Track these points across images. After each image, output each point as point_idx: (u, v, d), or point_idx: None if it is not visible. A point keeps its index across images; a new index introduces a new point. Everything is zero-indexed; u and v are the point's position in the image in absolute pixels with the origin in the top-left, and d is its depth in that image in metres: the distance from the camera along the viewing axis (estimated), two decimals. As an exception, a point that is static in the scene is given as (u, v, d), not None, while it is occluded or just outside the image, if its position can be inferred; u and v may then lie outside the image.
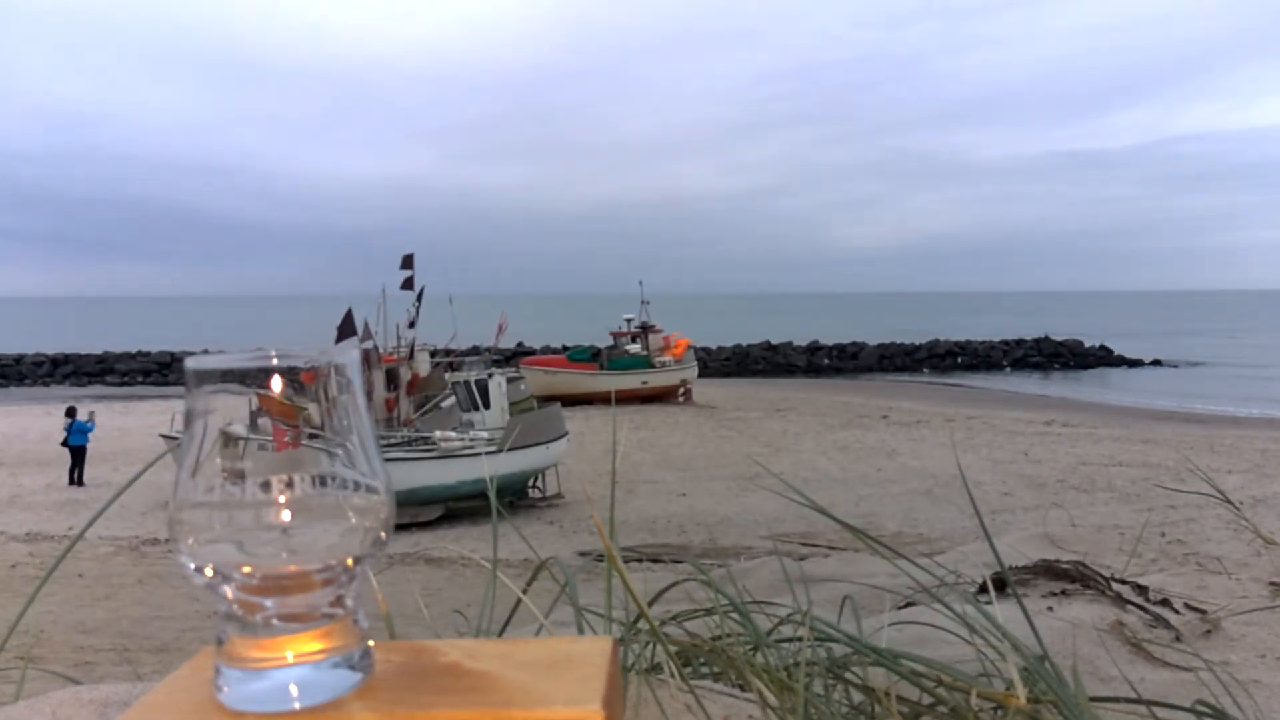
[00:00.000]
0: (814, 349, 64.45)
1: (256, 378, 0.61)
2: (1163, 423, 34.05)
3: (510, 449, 20.71)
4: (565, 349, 50.25)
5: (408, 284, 26.30)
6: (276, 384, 0.61)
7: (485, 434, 22.78)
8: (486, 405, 25.72)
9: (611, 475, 2.03)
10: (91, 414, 26.70)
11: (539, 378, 38.08)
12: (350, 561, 0.62)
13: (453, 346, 29.69)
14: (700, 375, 45.79)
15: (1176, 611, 2.27)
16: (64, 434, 24.10)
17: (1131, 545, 3.51)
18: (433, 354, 27.27)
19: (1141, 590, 2.39)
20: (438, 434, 22.05)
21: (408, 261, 26.42)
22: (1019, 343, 66.71)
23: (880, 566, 3.88)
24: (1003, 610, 1.66)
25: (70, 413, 24.59)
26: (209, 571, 0.61)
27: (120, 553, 15.34)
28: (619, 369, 41.76)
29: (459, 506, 20.56)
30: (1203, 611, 2.28)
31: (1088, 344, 66.81)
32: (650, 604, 1.46)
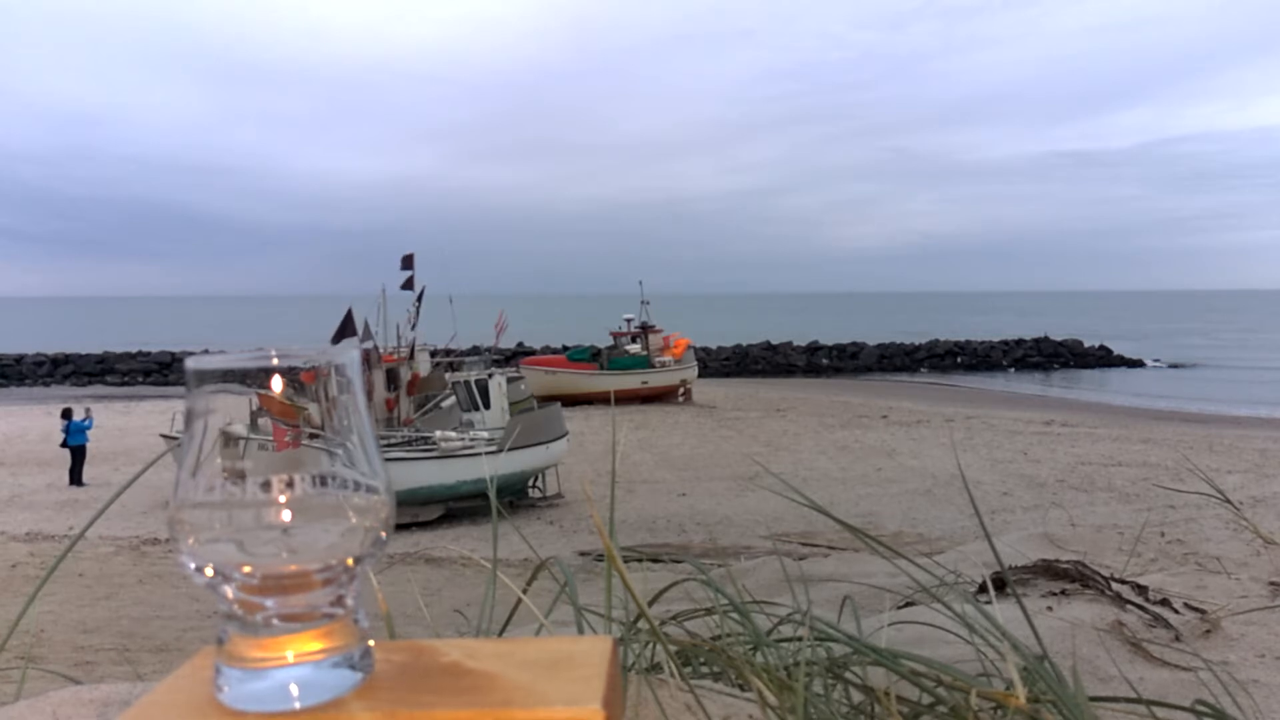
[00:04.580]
0: (814, 349, 64.43)
1: (257, 378, 0.61)
2: (1162, 423, 34.05)
3: (510, 449, 20.70)
4: (565, 349, 50.25)
5: (408, 284, 26.34)
6: (277, 384, 0.61)
7: (485, 434, 22.77)
8: (486, 405, 25.72)
9: (611, 475, 2.03)
10: (88, 410, 26.70)
11: (539, 378, 38.07)
12: (350, 561, 0.62)
13: (453, 346, 29.69)
14: (700, 375, 45.78)
15: (1176, 611, 2.27)
16: (62, 435, 24.08)
17: (1131, 545, 3.51)
18: (433, 354, 27.28)
19: (1141, 590, 2.39)
20: (438, 434, 22.04)
21: (408, 262, 26.45)
22: (1018, 343, 66.70)
23: (880, 566, 3.88)
24: (1002, 610, 1.66)
25: (66, 414, 24.53)
26: (209, 571, 0.61)
27: (121, 552, 15.33)
28: (619, 369, 41.76)
29: (459, 506, 20.56)
30: (1202, 611, 2.28)
31: (1087, 344, 66.82)
32: (650, 604, 1.46)
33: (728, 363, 59.94)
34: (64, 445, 23.90)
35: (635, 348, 43.60)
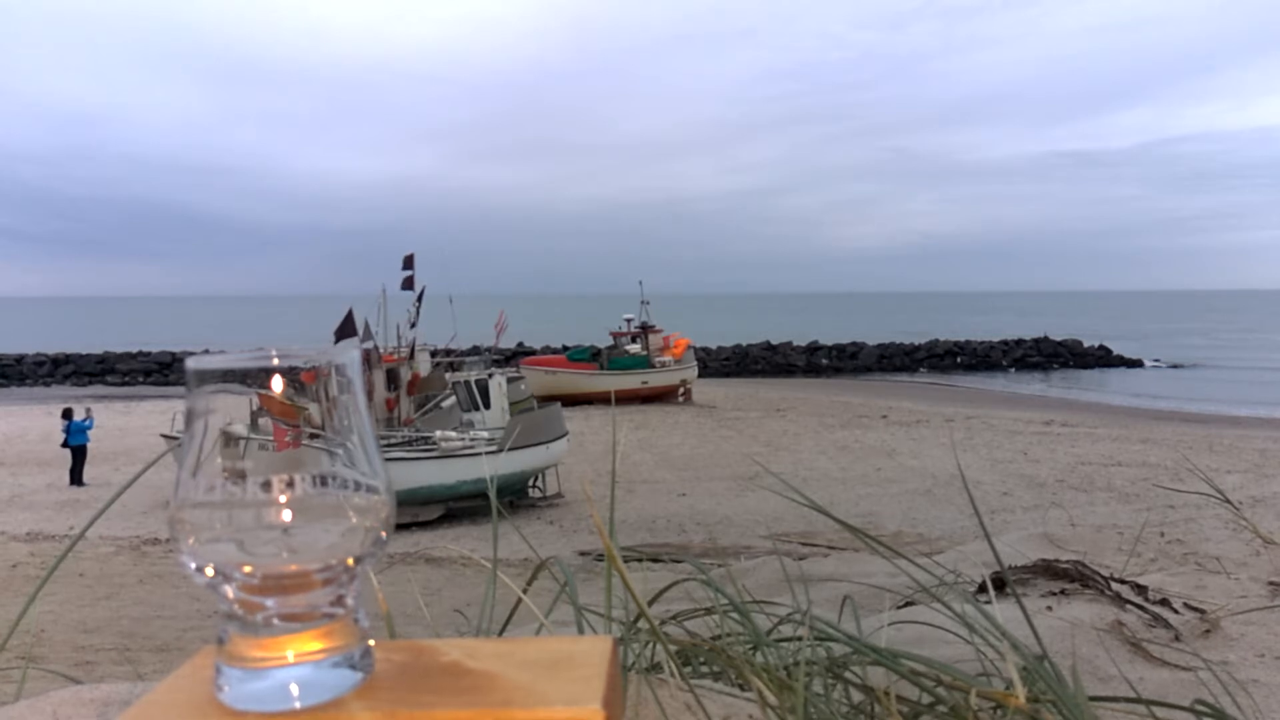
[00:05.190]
0: (813, 349, 64.43)
1: (257, 377, 0.61)
2: (1162, 423, 34.04)
3: (510, 449, 20.70)
4: (565, 349, 50.26)
5: (408, 284, 26.36)
6: (277, 384, 0.61)
7: (485, 434, 22.78)
8: (487, 405, 25.74)
9: (611, 475, 2.03)
10: (89, 410, 26.72)
11: (539, 378, 38.07)
12: (351, 561, 0.62)
13: (453, 346, 29.70)
14: (700, 375, 45.78)
15: (1175, 611, 2.27)
16: (63, 436, 24.08)
17: (1131, 545, 3.51)
18: (433, 354, 27.29)
19: (1141, 590, 2.39)
20: (438, 434, 22.04)
21: (408, 261, 26.48)
22: (1018, 343, 66.71)
23: (880, 566, 3.88)
24: (1002, 610, 1.66)
25: (67, 414, 24.54)
26: (210, 571, 0.61)
27: (121, 552, 15.33)
28: (619, 369, 41.76)
29: (459, 506, 20.56)
30: (1202, 611, 2.28)
31: (1087, 344, 66.83)
32: (650, 603, 1.46)
33: (728, 363, 59.93)
34: (64, 445, 23.90)
35: (635, 348, 43.60)
